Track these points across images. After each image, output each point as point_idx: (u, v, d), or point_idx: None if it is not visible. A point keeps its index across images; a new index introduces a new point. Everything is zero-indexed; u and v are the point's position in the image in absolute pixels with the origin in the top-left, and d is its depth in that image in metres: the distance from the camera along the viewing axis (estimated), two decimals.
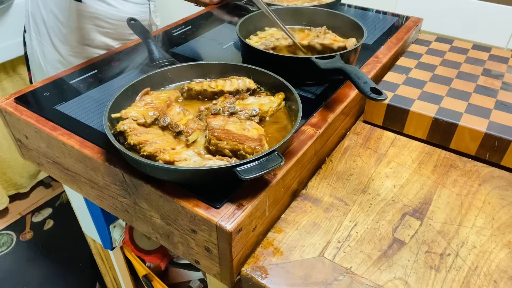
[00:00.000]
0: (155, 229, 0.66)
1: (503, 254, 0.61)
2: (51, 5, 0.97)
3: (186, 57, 0.95)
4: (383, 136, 0.85)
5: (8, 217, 1.87)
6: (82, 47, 1.09)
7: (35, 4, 1.01)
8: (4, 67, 1.64)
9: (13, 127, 0.81)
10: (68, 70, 0.90)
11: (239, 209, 0.55)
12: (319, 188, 0.73)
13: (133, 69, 0.90)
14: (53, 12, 0.97)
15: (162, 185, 0.59)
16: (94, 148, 0.67)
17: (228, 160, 0.59)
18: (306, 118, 0.73)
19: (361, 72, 0.69)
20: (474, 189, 0.72)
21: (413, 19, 1.14)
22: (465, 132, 0.77)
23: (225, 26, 1.13)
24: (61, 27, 0.97)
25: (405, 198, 0.70)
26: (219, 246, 0.56)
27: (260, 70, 0.76)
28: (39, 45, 1.03)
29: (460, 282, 0.57)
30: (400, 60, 0.99)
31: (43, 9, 0.98)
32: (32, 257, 1.67)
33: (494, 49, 1.05)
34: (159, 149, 0.60)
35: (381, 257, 0.61)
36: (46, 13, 0.98)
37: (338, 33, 0.97)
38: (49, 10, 0.97)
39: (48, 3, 0.97)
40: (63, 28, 0.97)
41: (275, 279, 0.58)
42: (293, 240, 0.63)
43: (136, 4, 1.03)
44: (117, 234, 1.01)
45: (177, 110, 0.70)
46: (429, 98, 0.84)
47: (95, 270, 1.38)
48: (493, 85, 0.89)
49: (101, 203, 0.76)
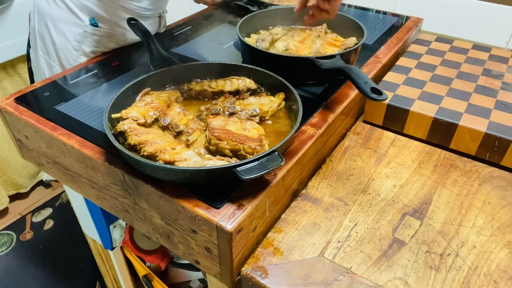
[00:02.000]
0: (155, 229, 0.66)
1: (503, 254, 0.61)
2: (62, 27, 0.95)
3: (186, 57, 0.96)
4: (383, 136, 0.85)
5: (8, 217, 1.87)
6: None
7: (42, 23, 0.98)
8: (4, 67, 1.64)
9: (13, 127, 0.81)
10: (68, 70, 0.90)
11: (239, 209, 0.55)
12: (319, 188, 0.73)
13: (133, 69, 0.90)
14: (64, 35, 0.94)
15: (162, 185, 0.59)
16: (94, 148, 0.67)
17: (228, 160, 0.59)
18: (306, 118, 0.73)
19: (361, 72, 0.69)
20: (474, 189, 0.72)
21: (413, 19, 1.14)
22: (465, 132, 0.77)
23: (225, 26, 1.13)
24: (72, 50, 0.95)
25: (405, 198, 0.71)
26: (219, 246, 0.56)
27: (260, 70, 0.76)
28: (48, 65, 1.01)
29: (460, 282, 0.57)
30: (400, 60, 0.99)
31: (53, 31, 0.95)
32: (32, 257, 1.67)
33: (494, 49, 1.05)
34: (159, 149, 0.60)
35: (381, 257, 0.61)
36: (56, 35, 0.95)
37: (338, 33, 0.97)
38: (60, 33, 0.94)
39: (59, 25, 0.95)
40: (74, 51, 0.95)
41: (275, 279, 0.58)
42: (293, 240, 0.63)
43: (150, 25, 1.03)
44: (117, 234, 1.01)
45: (177, 110, 0.70)
46: (429, 98, 0.84)
47: (95, 270, 1.38)
48: (493, 85, 0.89)
49: (101, 203, 0.76)
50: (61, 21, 0.94)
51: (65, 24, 0.94)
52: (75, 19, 0.93)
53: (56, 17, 0.94)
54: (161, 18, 1.07)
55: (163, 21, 1.08)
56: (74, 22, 0.93)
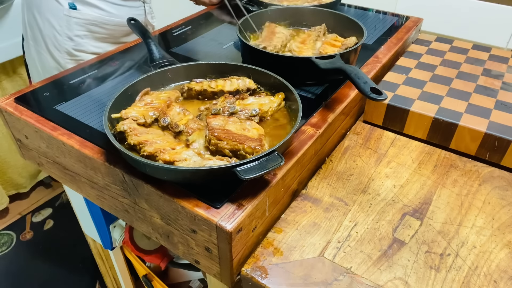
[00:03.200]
0: (155, 229, 0.66)
1: (503, 254, 0.61)
2: (46, 14, 0.98)
3: (186, 57, 0.95)
4: (383, 136, 0.85)
5: (8, 217, 1.87)
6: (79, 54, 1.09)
7: (30, 13, 1.01)
8: (4, 67, 1.64)
9: (13, 127, 0.81)
10: (68, 70, 0.90)
11: (239, 209, 0.55)
12: (319, 188, 0.73)
13: (133, 69, 0.90)
14: (48, 20, 0.98)
15: (162, 185, 0.59)
16: (94, 148, 0.67)
17: (228, 160, 0.59)
18: (306, 118, 0.73)
19: (361, 72, 0.69)
20: (474, 189, 0.72)
21: (413, 19, 1.14)
22: (465, 132, 0.77)
23: (225, 26, 1.13)
24: (57, 35, 0.98)
25: (405, 198, 0.70)
26: (219, 246, 0.56)
27: (260, 70, 0.76)
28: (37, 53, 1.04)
29: (460, 282, 0.57)
30: (400, 60, 0.99)
31: (38, 18, 0.98)
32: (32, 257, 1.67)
33: (494, 49, 1.05)
34: (159, 149, 0.60)
35: (381, 257, 0.61)
36: (42, 22, 0.98)
37: (338, 33, 0.97)
38: (44, 19, 0.98)
39: (43, 12, 0.98)
40: (58, 35, 0.98)
41: (275, 279, 0.58)
42: (293, 240, 0.63)
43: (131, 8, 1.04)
44: (117, 234, 1.01)
45: (177, 110, 0.70)
46: (429, 98, 0.84)
47: (95, 270, 1.38)
48: (493, 85, 0.89)
49: (101, 203, 0.76)
50: (44, 7, 0.98)
51: (48, 10, 0.98)
52: (55, 4, 0.96)
53: (40, 5, 0.98)
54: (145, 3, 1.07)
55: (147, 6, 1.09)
56: (55, 7, 0.96)
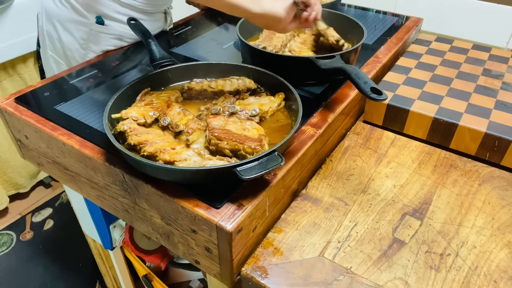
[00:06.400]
0: (155, 229, 0.66)
1: (503, 254, 0.61)
2: (69, 28, 0.96)
3: (186, 57, 0.96)
4: (383, 136, 0.85)
5: (8, 217, 1.87)
6: None
7: (50, 23, 0.98)
8: (4, 67, 1.63)
9: (13, 127, 0.81)
10: (68, 70, 0.90)
11: (239, 209, 0.55)
12: (319, 188, 0.73)
13: (133, 69, 0.90)
14: (71, 34, 0.95)
15: (162, 185, 0.59)
16: (94, 148, 0.67)
17: (228, 160, 0.59)
18: (306, 118, 0.73)
19: (361, 72, 0.69)
20: (474, 189, 0.72)
21: (413, 19, 1.14)
22: (465, 132, 0.77)
23: (225, 26, 1.13)
24: (80, 49, 0.97)
25: (405, 198, 0.70)
26: (219, 246, 0.56)
27: (260, 70, 0.76)
28: (56, 63, 1.02)
29: (460, 282, 0.57)
30: (400, 60, 0.99)
31: (60, 30, 0.96)
32: (32, 257, 1.67)
33: (494, 49, 1.05)
34: (159, 149, 0.60)
35: (381, 257, 0.61)
36: (64, 35, 0.96)
37: (339, 33, 0.97)
38: (67, 32, 0.95)
39: (67, 25, 0.95)
40: (82, 49, 0.97)
41: (275, 279, 0.58)
42: (293, 240, 0.63)
43: (156, 21, 1.03)
44: (117, 234, 1.01)
45: (177, 110, 0.70)
46: (429, 98, 0.84)
47: (95, 270, 1.38)
48: (493, 85, 0.89)
49: (101, 203, 0.76)
50: (68, 20, 0.96)
51: (72, 23, 0.96)
52: (81, 18, 0.94)
53: (63, 17, 0.96)
54: (167, 14, 1.07)
55: (169, 17, 1.08)
56: (81, 21, 0.95)
